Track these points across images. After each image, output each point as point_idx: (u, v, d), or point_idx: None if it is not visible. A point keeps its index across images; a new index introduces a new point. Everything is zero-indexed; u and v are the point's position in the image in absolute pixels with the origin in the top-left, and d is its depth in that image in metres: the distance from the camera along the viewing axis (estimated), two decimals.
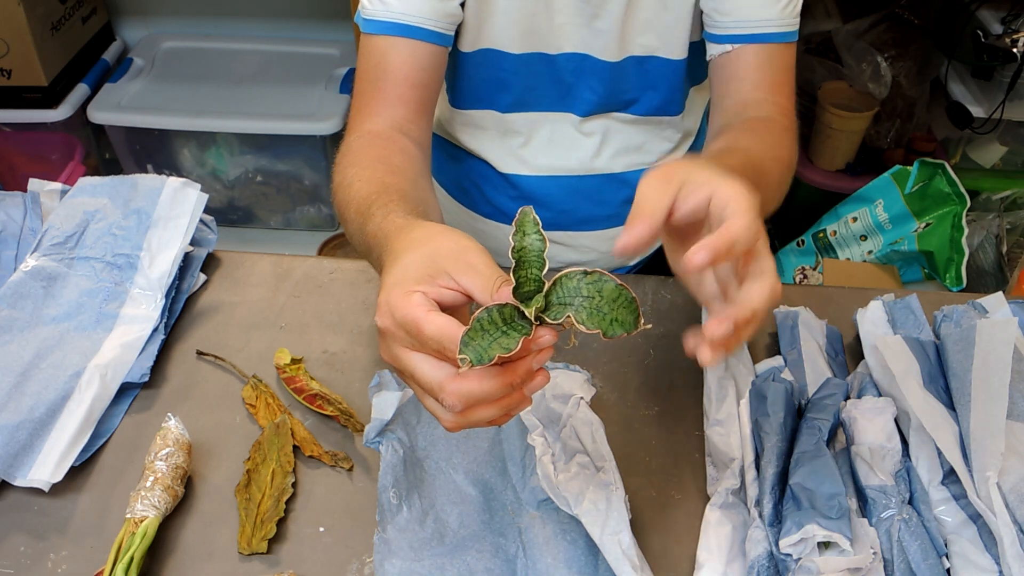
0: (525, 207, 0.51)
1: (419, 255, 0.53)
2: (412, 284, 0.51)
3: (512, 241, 0.50)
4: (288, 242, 2.03)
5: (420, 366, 0.50)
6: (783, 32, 0.83)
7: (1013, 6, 1.66)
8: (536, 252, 0.50)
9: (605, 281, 0.49)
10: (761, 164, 0.71)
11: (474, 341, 0.47)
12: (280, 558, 0.65)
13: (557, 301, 0.49)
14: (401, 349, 0.51)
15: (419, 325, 0.49)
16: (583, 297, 0.49)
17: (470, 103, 0.93)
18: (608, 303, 0.49)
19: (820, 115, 1.78)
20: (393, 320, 0.50)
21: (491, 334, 0.47)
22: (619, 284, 0.49)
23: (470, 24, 0.85)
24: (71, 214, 0.87)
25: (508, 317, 0.48)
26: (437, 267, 0.51)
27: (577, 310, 0.49)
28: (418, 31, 0.80)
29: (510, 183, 0.97)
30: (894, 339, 0.75)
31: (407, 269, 0.52)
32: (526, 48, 0.87)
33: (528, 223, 0.51)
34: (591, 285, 0.49)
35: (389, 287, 0.52)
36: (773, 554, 0.61)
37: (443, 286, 0.51)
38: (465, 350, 0.46)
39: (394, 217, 0.62)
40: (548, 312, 0.49)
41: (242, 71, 1.97)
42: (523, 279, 0.49)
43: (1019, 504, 0.62)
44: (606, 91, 0.90)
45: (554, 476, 0.65)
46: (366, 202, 0.67)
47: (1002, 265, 1.77)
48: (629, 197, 0.98)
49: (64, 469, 0.69)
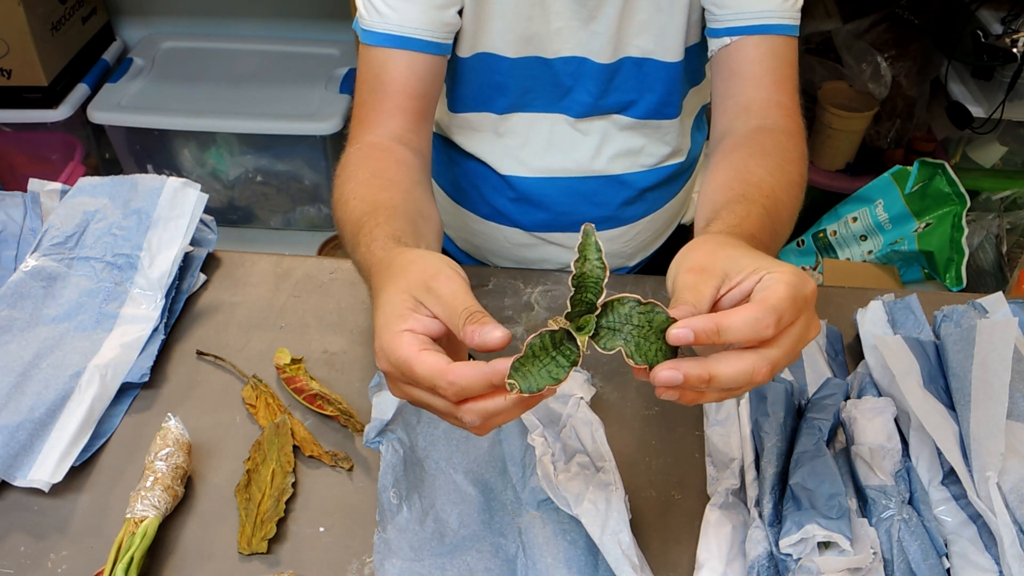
0: (587, 225, 0.50)
1: (396, 291, 0.54)
2: (398, 323, 0.52)
3: (573, 268, 0.49)
4: (288, 242, 2.03)
5: (429, 399, 0.52)
6: (784, 24, 0.81)
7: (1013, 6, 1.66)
8: (595, 279, 0.49)
9: (657, 312, 0.49)
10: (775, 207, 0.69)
11: (525, 367, 0.47)
12: (280, 558, 0.65)
13: (607, 325, 0.49)
14: (406, 387, 0.53)
15: (411, 367, 0.50)
16: (633, 326, 0.49)
17: (467, 107, 0.93)
18: (656, 333, 0.49)
19: (820, 115, 1.78)
20: (390, 363, 0.52)
21: (541, 360, 0.48)
22: (670, 316, 0.49)
23: (467, 30, 0.85)
24: (71, 214, 0.87)
25: (559, 341, 0.49)
26: (411, 301, 0.53)
27: (626, 339, 0.49)
28: (416, 43, 0.80)
29: (508, 184, 0.97)
30: (894, 339, 0.75)
31: (391, 308, 0.53)
32: (522, 52, 0.87)
33: (590, 248, 0.50)
34: (643, 315, 0.49)
35: (380, 330, 0.53)
36: (773, 554, 0.61)
37: (427, 315, 0.52)
38: (515, 376, 0.47)
39: (376, 248, 0.63)
40: (598, 337, 0.49)
41: (242, 71, 1.97)
42: (577, 302, 0.49)
43: (1019, 504, 0.62)
44: (603, 93, 0.90)
45: (554, 476, 0.65)
46: (359, 223, 0.68)
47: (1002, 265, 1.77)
48: (628, 199, 1.00)
49: (64, 469, 0.69)
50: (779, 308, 0.48)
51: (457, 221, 1.06)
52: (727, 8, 0.81)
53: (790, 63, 0.83)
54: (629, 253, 1.05)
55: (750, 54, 0.81)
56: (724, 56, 0.83)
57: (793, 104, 0.83)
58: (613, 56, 0.87)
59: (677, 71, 0.89)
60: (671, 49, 0.87)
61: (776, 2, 0.80)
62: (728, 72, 0.83)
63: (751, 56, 0.81)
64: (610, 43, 0.86)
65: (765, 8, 0.80)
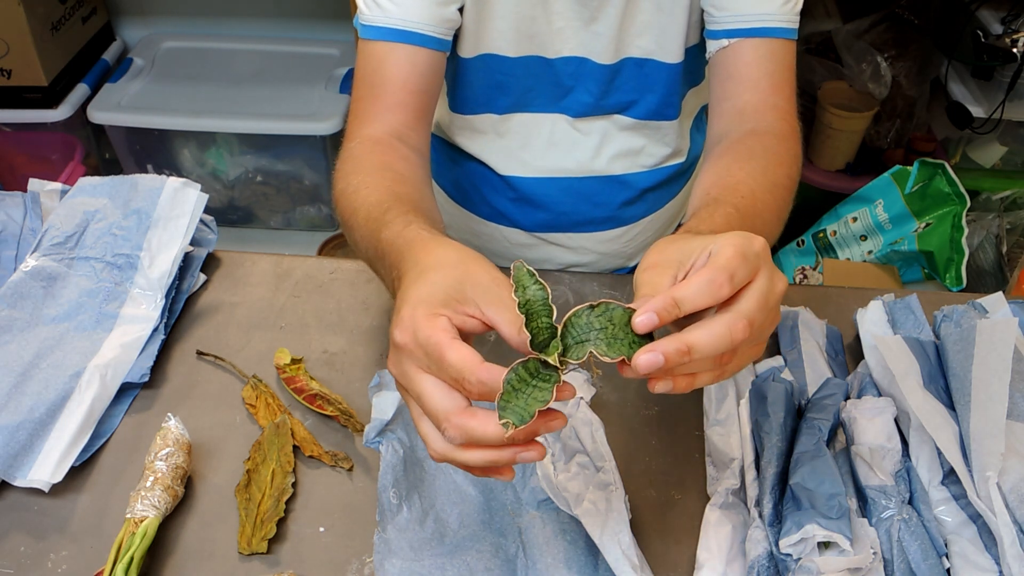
0: (515, 263, 0.52)
1: (450, 277, 0.52)
2: (439, 306, 0.50)
3: (515, 298, 0.50)
4: (288, 242, 2.03)
5: (430, 390, 0.50)
6: (783, 27, 0.81)
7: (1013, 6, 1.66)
8: (541, 301, 0.50)
9: (612, 309, 0.49)
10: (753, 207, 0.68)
11: (510, 404, 0.47)
12: (280, 558, 0.65)
13: (573, 341, 0.49)
14: (414, 368, 0.50)
15: (442, 350, 0.48)
16: (596, 330, 0.49)
17: (470, 108, 0.93)
18: (622, 328, 0.49)
19: (820, 115, 1.79)
20: (415, 339, 0.49)
21: (523, 392, 0.48)
22: (627, 308, 0.49)
23: (469, 29, 0.85)
24: (71, 214, 0.87)
25: (534, 371, 0.49)
26: (466, 294, 0.51)
27: (595, 343, 0.49)
28: (417, 37, 0.79)
29: (509, 185, 0.97)
30: (894, 339, 0.75)
31: (435, 288, 0.51)
32: (523, 51, 0.87)
33: (524, 277, 0.51)
34: (601, 316, 0.49)
35: (414, 303, 0.51)
36: (773, 554, 0.61)
37: (467, 314, 0.51)
38: (504, 414, 0.47)
39: (417, 228, 0.61)
40: (569, 354, 0.49)
41: (242, 71, 1.97)
42: (535, 329, 0.49)
43: (1019, 504, 0.62)
44: (603, 93, 0.90)
45: (554, 476, 0.65)
46: (379, 208, 0.66)
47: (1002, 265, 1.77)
48: (628, 199, 1.00)
49: (64, 469, 0.69)
50: (728, 266, 0.49)
51: (457, 221, 1.06)
52: (726, 10, 0.81)
53: (787, 66, 0.83)
54: (629, 253, 1.05)
55: (747, 57, 0.81)
56: (722, 58, 0.83)
57: (789, 107, 0.82)
58: (614, 57, 0.87)
59: (677, 72, 0.89)
60: (672, 50, 0.87)
61: (775, 5, 0.80)
62: (725, 74, 0.83)
63: (748, 59, 0.81)
64: (611, 43, 0.86)
65: (764, 11, 0.80)
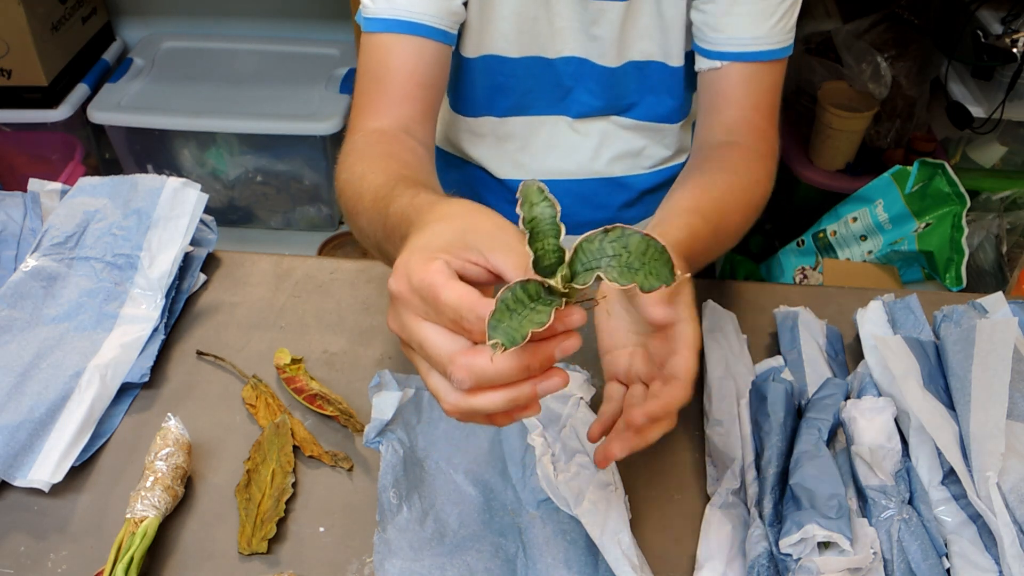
0: (527, 180, 0.48)
1: (450, 226, 0.50)
2: (436, 251, 0.47)
3: (520, 213, 0.46)
4: (288, 242, 2.03)
5: (431, 336, 0.47)
6: (773, 50, 0.82)
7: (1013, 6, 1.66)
8: (549, 219, 0.46)
9: (629, 235, 0.45)
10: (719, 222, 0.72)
11: (502, 323, 0.42)
12: (280, 558, 0.65)
13: (582, 267, 0.45)
14: (412, 317, 0.47)
15: (436, 291, 0.45)
16: (609, 256, 0.45)
17: (471, 110, 0.93)
18: (637, 257, 0.45)
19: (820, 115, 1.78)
20: (409, 284, 0.47)
21: (519, 313, 0.43)
22: (645, 235, 0.45)
23: (473, 27, 0.85)
24: (71, 214, 0.87)
25: (534, 294, 0.44)
26: (467, 241, 0.48)
27: (606, 269, 0.45)
28: (423, 28, 0.78)
29: (507, 188, 0.97)
30: (894, 339, 0.75)
31: (434, 237, 0.49)
32: (525, 52, 0.87)
33: (532, 193, 0.46)
34: (615, 243, 0.45)
35: (410, 251, 0.48)
36: (773, 554, 0.61)
37: (469, 260, 0.48)
38: (494, 333, 0.42)
39: (425, 195, 0.58)
40: (576, 280, 0.45)
41: (242, 71, 1.97)
42: (541, 251, 0.45)
43: (1019, 504, 0.62)
44: (604, 95, 0.90)
45: (554, 476, 0.65)
46: (386, 187, 0.64)
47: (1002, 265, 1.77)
48: (627, 201, 1.00)
49: (64, 469, 0.69)
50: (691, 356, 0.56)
51: None
52: (720, 32, 0.81)
53: (772, 88, 0.84)
54: None
55: (734, 78, 0.83)
56: (712, 77, 0.84)
57: (769, 126, 0.84)
58: (615, 60, 0.87)
59: (678, 75, 0.89)
60: (673, 54, 0.87)
61: (766, 27, 0.80)
62: (713, 90, 0.84)
63: (737, 80, 0.83)
64: (612, 47, 0.86)
65: (756, 34, 0.81)
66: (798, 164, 1.84)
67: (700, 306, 0.82)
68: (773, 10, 0.80)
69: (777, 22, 0.81)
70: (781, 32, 0.81)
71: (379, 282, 0.89)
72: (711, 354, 0.77)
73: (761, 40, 0.81)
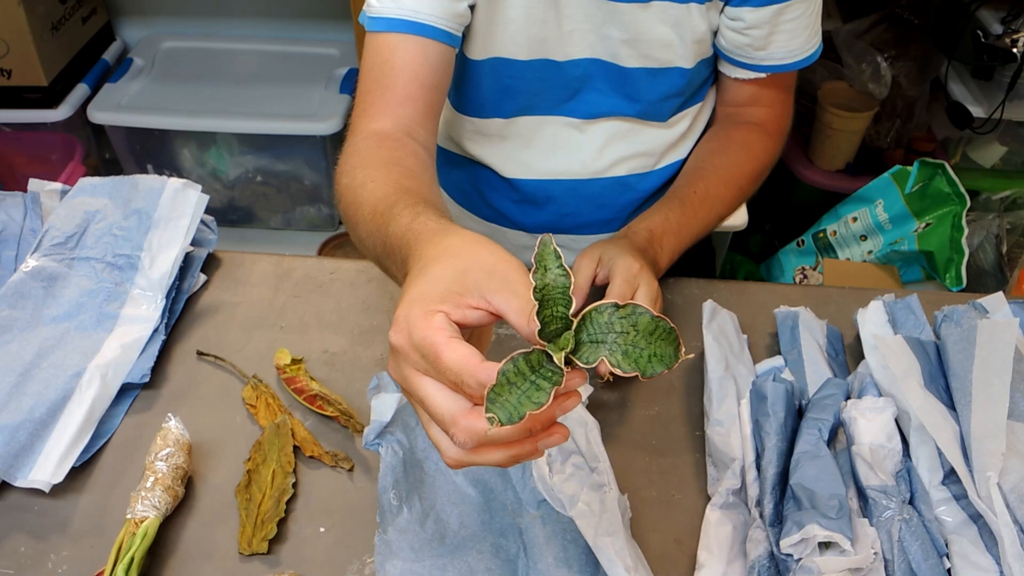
0: (544, 237, 0.47)
1: (450, 268, 0.49)
2: (436, 302, 0.47)
3: (533, 280, 0.45)
4: (288, 242, 2.03)
5: (433, 394, 0.46)
6: (807, 57, 0.90)
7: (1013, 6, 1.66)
8: (561, 289, 0.45)
9: (640, 313, 0.44)
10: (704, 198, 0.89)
11: (501, 397, 0.42)
12: (280, 558, 0.65)
13: (588, 339, 0.45)
14: (413, 372, 0.47)
15: (438, 352, 0.45)
16: (616, 333, 0.44)
17: (476, 111, 0.93)
18: (644, 337, 0.44)
19: (820, 115, 1.78)
20: (410, 340, 0.46)
21: (519, 387, 0.43)
22: (655, 316, 0.44)
23: (479, 31, 0.84)
24: (71, 214, 0.87)
25: (536, 364, 0.44)
26: (467, 284, 0.47)
27: (611, 349, 0.44)
28: (428, 29, 0.78)
29: (512, 187, 0.97)
30: (894, 339, 0.75)
31: (433, 283, 0.48)
32: (534, 55, 0.86)
33: (549, 256, 0.46)
34: (624, 319, 0.44)
35: (410, 302, 0.48)
36: (774, 554, 0.61)
37: (470, 305, 0.47)
38: (493, 408, 0.42)
39: (426, 220, 0.57)
40: (579, 353, 0.44)
41: (242, 71, 1.97)
42: (548, 318, 0.44)
43: (1019, 504, 0.62)
44: (610, 96, 0.90)
45: (549, 478, 0.65)
46: (386, 202, 0.63)
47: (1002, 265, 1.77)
48: (631, 201, 1.00)
49: (65, 470, 0.69)
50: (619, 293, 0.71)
51: (458, 223, 1.05)
52: (764, 51, 0.88)
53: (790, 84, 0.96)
54: None
55: (767, 82, 0.92)
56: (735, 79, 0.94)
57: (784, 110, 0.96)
58: (625, 61, 0.87)
59: (685, 77, 0.89)
60: (683, 56, 0.87)
61: (799, 41, 0.88)
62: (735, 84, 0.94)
63: (768, 82, 0.92)
64: (622, 48, 0.86)
65: (794, 47, 0.88)
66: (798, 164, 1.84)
67: (700, 306, 0.82)
68: (808, 23, 0.87)
69: (812, 36, 0.88)
70: (809, 41, 0.89)
71: (379, 282, 0.89)
72: (711, 354, 0.77)
73: (797, 52, 0.89)
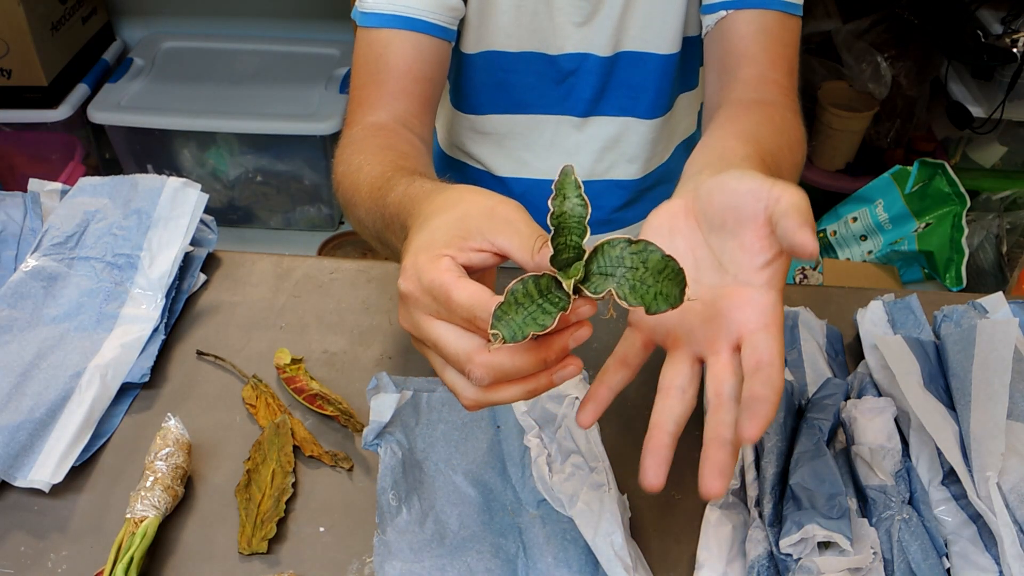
0: (566, 166, 0.47)
1: (449, 217, 0.49)
2: (441, 247, 0.48)
3: (551, 206, 0.45)
4: (288, 242, 2.03)
5: (445, 335, 0.47)
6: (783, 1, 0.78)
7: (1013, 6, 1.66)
8: (577, 217, 0.45)
9: (651, 251, 0.45)
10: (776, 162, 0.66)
11: (507, 316, 0.43)
12: (280, 558, 0.65)
13: (598, 271, 0.45)
14: (424, 317, 0.48)
15: (448, 291, 0.45)
16: (626, 268, 0.45)
17: (473, 107, 0.93)
18: (653, 275, 0.45)
19: (820, 115, 1.79)
20: (419, 285, 0.47)
21: (526, 308, 0.44)
22: (666, 255, 0.45)
23: (472, 24, 0.85)
24: (71, 214, 0.87)
25: (544, 288, 0.44)
26: (468, 228, 0.48)
27: (619, 282, 0.45)
28: (421, 23, 0.78)
29: (507, 187, 0.97)
30: (894, 339, 0.75)
31: (436, 233, 0.49)
32: (525, 47, 0.86)
33: (569, 185, 0.46)
34: (635, 255, 0.45)
35: (416, 250, 0.48)
36: (773, 554, 0.61)
37: (474, 248, 0.48)
38: (498, 325, 0.43)
39: (421, 183, 0.58)
40: (588, 283, 0.45)
41: (242, 71, 1.97)
42: (562, 246, 0.45)
43: (1019, 504, 0.62)
44: (602, 91, 0.90)
45: (548, 477, 0.65)
46: (382, 178, 0.64)
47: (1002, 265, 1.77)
48: (625, 200, 1.00)
49: (64, 470, 0.69)
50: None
51: None
52: None
53: (784, 42, 0.80)
54: None
55: (742, 30, 0.79)
56: (718, 34, 0.81)
57: (789, 84, 0.80)
58: (613, 49, 0.87)
59: (673, 64, 0.88)
60: (669, 40, 0.86)
61: None
62: (723, 50, 0.81)
63: (743, 32, 0.79)
64: (612, 37, 0.86)
65: None
66: None
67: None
68: None
69: None
70: None
71: (379, 282, 0.89)
72: None
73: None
